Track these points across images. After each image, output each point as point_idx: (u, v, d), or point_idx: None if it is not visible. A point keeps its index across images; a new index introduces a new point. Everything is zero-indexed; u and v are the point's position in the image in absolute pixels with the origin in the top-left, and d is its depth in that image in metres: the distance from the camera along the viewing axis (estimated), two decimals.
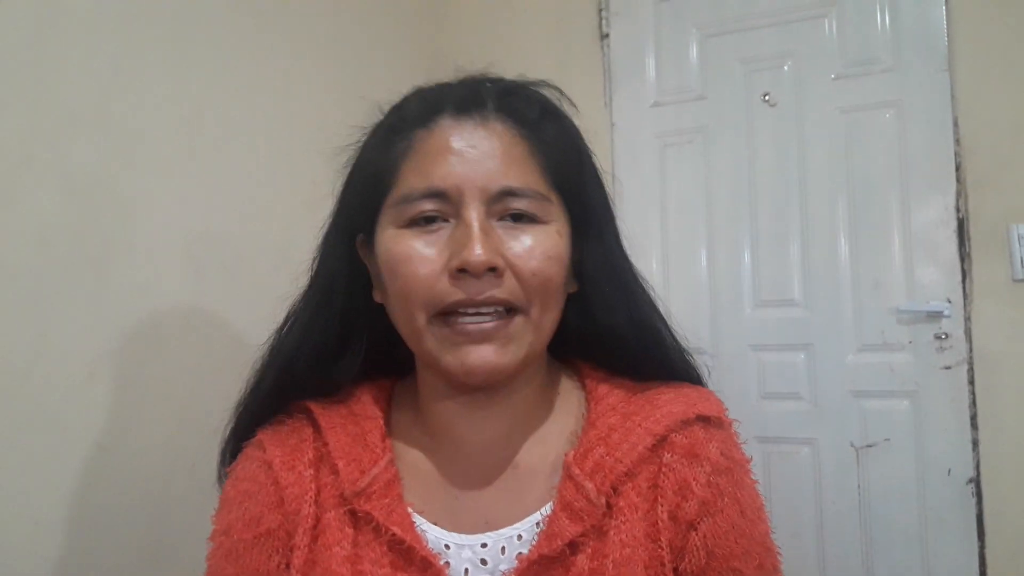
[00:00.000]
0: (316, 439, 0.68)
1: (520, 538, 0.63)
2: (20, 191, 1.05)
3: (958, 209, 1.81)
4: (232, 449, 0.73)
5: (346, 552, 0.63)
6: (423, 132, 0.63)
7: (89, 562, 1.10)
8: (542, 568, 0.61)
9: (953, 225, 1.81)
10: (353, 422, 0.68)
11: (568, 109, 0.69)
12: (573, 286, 0.67)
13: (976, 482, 1.77)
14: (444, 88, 0.67)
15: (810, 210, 1.95)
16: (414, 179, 0.62)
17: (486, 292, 0.59)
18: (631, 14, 2.16)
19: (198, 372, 1.30)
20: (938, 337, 1.82)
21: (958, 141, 1.82)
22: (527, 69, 0.73)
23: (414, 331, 0.62)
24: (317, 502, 0.65)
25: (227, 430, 0.73)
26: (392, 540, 0.62)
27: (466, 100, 0.64)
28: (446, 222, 0.61)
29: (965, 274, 1.80)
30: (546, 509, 0.63)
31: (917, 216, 1.85)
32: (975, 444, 1.78)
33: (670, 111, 2.11)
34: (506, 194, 0.61)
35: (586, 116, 0.70)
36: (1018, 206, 1.76)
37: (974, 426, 1.78)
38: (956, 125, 1.82)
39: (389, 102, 0.70)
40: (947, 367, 1.81)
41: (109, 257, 1.17)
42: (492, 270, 0.59)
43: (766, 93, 2.00)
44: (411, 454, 0.68)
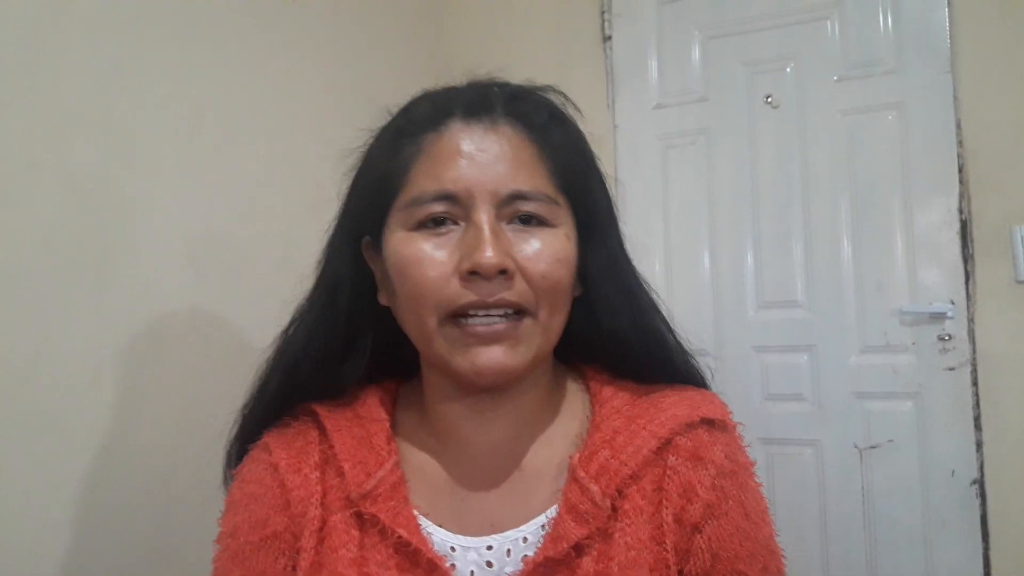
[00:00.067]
0: (322, 441, 0.68)
1: (525, 540, 0.64)
2: (22, 193, 1.05)
3: (961, 211, 1.81)
4: (238, 451, 0.73)
5: (352, 554, 0.63)
6: (432, 135, 0.63)
7: (93, 563, 1.11)
8: (547, 570, 0.61)
9: (956, 227, 1.81)
10: (358, 424, 0.68)
11: (572, 114, 0.69)
12: (578, 289, 0.67)
13: (980, 483, 1.77)
14: (452, 92, 0.67)
15: (813, 212, 1.95)
16: (424, 182, 0.62)
17: (496, 294, 0.59)
18: (633, 16, 2.16)
19: (200, 374, 1.30)
20: (941, 338, 1.81)
21: (961, 143, 1.82)
22: (529, 71, 0.73)
23: (424, 333, 0.62)
24: (323, 504, 0.65)
25: (232, 432, 0.73)
26: (398, 542, 0.62)
27: (475, 104, 0.64)
28: (456, 225, 0.62)
29: (968, 276, 1.80)
30: (551, 512, 0.64)
31: (920, 218, 1.85)
32: (979, 445, 1.78)
33: (672, 113, 2.12)
34: (516, 197, 0.61)
35: (588, 118, 0.71)
36: (1021, 208, 1.76)
37: (977, 427, 1.78)
38: (959, 127, 1.82)
39: (391, 103, 0.70)
40: (950, 368, 1.81)
41: (111, 259, 1.17)
42: (503, 272, 0.59)
43: (768, 95, 2.00)
44: (417, 456, 0.68)
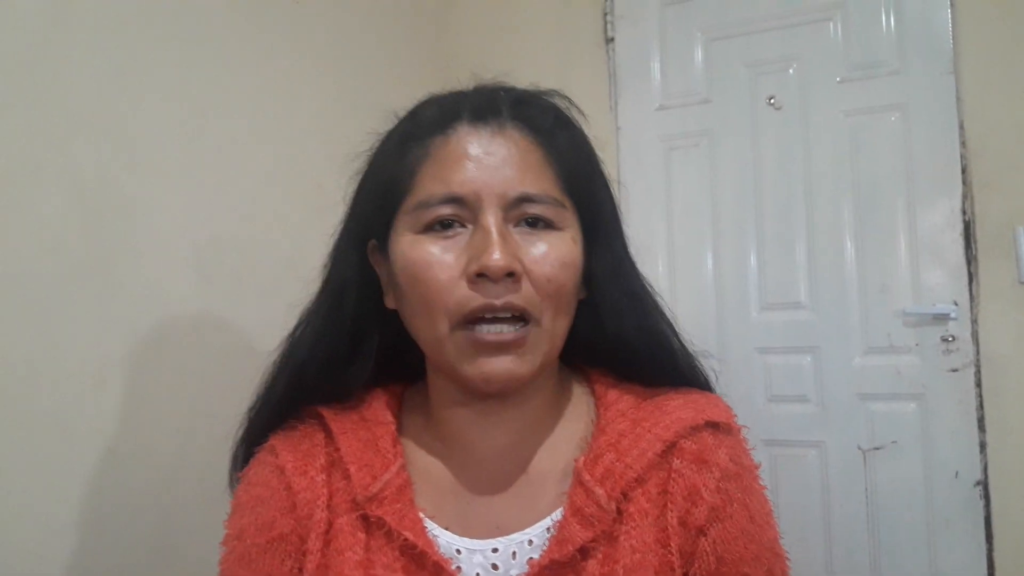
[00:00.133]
0: (328, 444, 0.68)
1: (531, 543, 0.64)
2: (27, 197, 1.06)
3: (964, 212, 1.81)
4: (244, 454, 0.73)
5: (358, 557, 0.63)
6: (440, 139, 0.64)
7: (97, 565, 1.11)
8: (553, 573, 0.61)
9: (959, 228, 1.81)
10: (364, 427, 0.69)
11: (577, 118, 0.69)
12: (583, 293, 0.67)
13: (984, 485, 1.77)
14: (459, 96, 0.67)
15: (816, 213, 1.95)
16: (432, 185, 0.62)
17: (503, 297, 0.60)
18: (636, 18, 2.16)
19: (204, 376, 1.30)
20: (945, 340, 1.81)
21: (964, 144, 1.82)
22: (532, 73, 0.73)
23: (435, 338, 0.62)
24: (329, 507, 0.66)
25: (238, 435, 0.74)
26: (404, 545, 0.63)
27: (482, 108, 0.65)
28: (463, 228, 0.62)
29: (971, 276, 1.80)
30: (557, 514, 0.64)
31: (923, 219, 1.85)
32: (982, 446, 1.78)
33: (675, 114, 2.12)
34: (523, 200, 0.62)
35: (591, 120, 0.71)
36: None
37: (981, 428, 1.78)
38: (962, 128, 1.82)
39: (393, 105, 0.71)
40: (954, 369, 1.81)
41: (115, 262, 1.18)
42: (510, 275, 0.60)
43: (771, 96, 2.00)
44: (422, 459, 0.69)
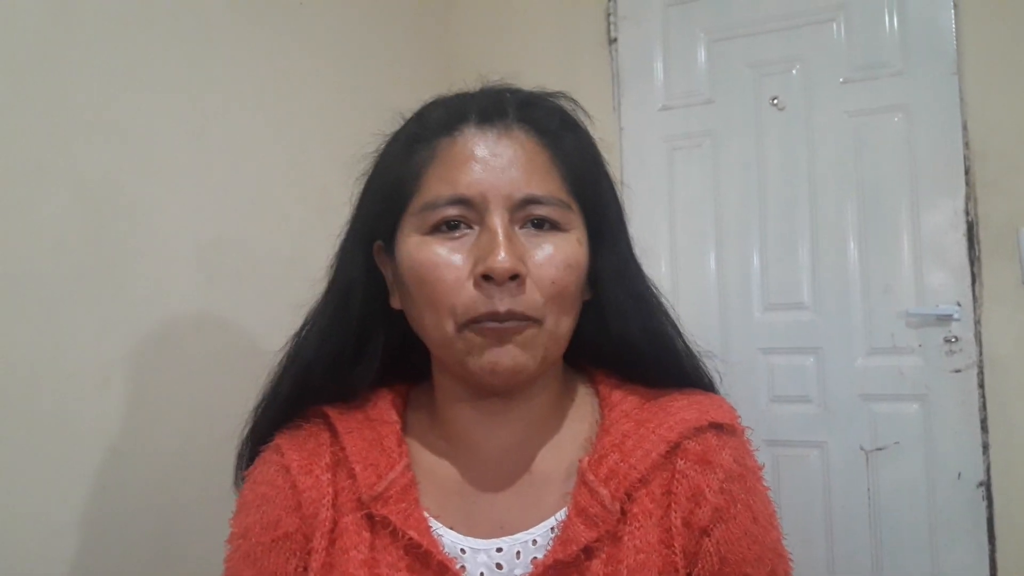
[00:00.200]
0: (333, 443, 0.69)
1: (535, 543, 0.64)
2: (32, 198, 1.06)
3: (967, 212, 1.81)
4: (249, 453, 0.73)
5: (363, 556, 0.63)
6: (446, 140, 0.64)
7: (101, 565, 1.12)
8: (557, 573, 0.62)
9: (962, 228, 1.81)
10: (369, 427, 0.69)
11: (583, 120, 0.69)
12: (587, 294, 0.68)
13: (986, 486, 1.77)
14: (466, 97, 0.68)
15: (819, 213, 1.95)
16: (439, 186, 0.63)
17: (508, 305, 0.60)
18: (639, 18, 2.16)
19: (209, 377, 1.31)
20: (948, 340, 1.81)
21: (967, 145, 1.82)
22: (535, 73, 0.74)
23: (442, 338, 0.62)
24: (334, 506, 0.66)
25: (244, 434, 0.74)
26: (409, 544, 0.63)
27: (488, 110, 0.65)
28: (470, 229, 0.62)
29: (975, 277, 1.80)
30: (561, 515, 0.64)
31: (926, 220, 1.85)
32: (985, 447, 1.78)
33: (678, 115, 2.12)
34: (529, 201, 0.62)
35: (595, 120, 0.71)
36: None
37: (984, 429, 1.78)
38: (965, 128, 1.82)
39: (397, 105, 0.71)
40: (957, 370, 1.81)
41: (120, 263, 1.18)
42: (514, 278, 0.60)
43: (774, 97, 2.00)
44: (427, 459, 0.69)
